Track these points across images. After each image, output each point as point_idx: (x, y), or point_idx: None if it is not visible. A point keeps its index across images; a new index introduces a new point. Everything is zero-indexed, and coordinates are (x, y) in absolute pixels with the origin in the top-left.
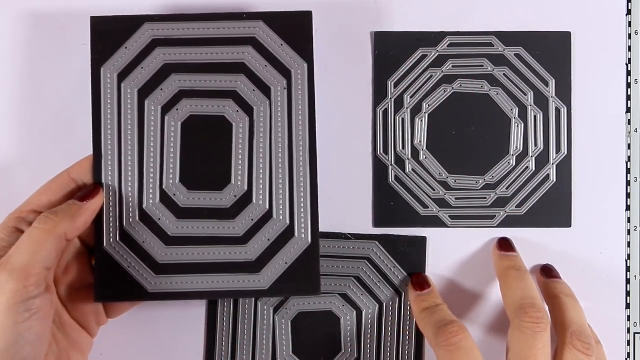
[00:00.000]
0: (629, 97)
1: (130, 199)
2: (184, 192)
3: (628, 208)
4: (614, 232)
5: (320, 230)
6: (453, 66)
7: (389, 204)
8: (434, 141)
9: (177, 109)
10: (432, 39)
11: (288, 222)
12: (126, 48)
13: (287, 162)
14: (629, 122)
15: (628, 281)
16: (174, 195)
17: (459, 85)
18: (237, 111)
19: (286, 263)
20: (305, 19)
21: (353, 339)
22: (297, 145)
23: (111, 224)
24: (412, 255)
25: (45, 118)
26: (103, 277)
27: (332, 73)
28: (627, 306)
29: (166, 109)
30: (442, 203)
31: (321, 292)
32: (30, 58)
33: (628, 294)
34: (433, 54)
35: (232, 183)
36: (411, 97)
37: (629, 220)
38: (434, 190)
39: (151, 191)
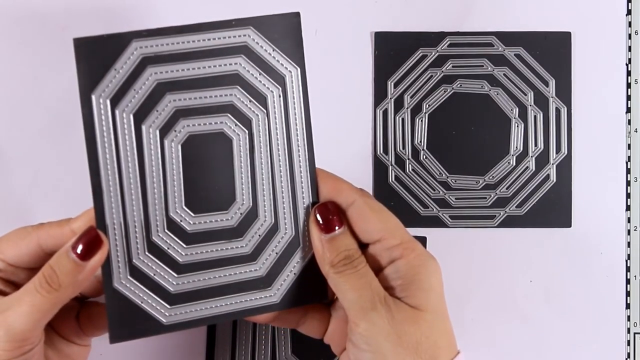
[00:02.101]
0: (629, 97)
1: (137, 232)
2: (191, 216)
3: (628, 208)
4: (614, 232)
5: None
6: (453, 66)
7: (389, 204)
8: (434, 141)
9: (175, 131)
10: (432, 39)
11: (293, 233)
12: (116, 70)
13: (288, 171)
14: (629, 122)
15: (628, 281)
16: (181, 221)
17: (459, 85)
18: (235, 125)
19: (294, 274)
20: (293, 20)
21: None
22: (297, 153)
23: (119, 261)
24: None
25: (46, 118)
26: (117, 316)
27: (332, 73)
28: (627, 306)
29: (164, 131)
30: (442, 203)
31: (327, 298)
32: (30, 58)
33: (628, 294)
34: (433, 54)
35: (236, 201)
36: (411, 97)
37: (629, 220)
38: (434, 190)
39: (157, 221)
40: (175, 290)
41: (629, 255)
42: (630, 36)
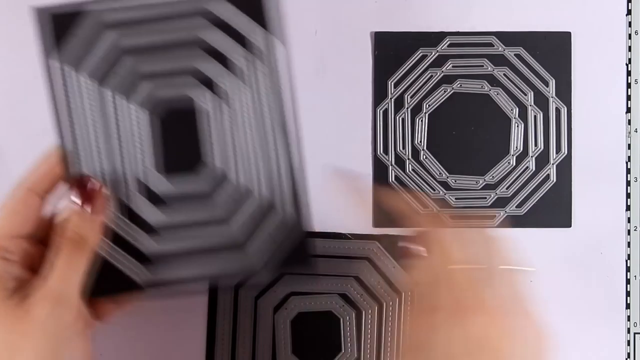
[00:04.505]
0: (629, 97)
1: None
2: (161, 180)
3: (628, 208)
4: (614, 232)
5: (321, 230)
6: (453, 66)
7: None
8: (434, 141)
9: (138, 94)
10: (432, 39)
11: (269, 196)
12: (75, 36)
13: (261, 136)
14: (629, 122)
15: (628, 281)
16: (151, 185)
17: (459, 85)
18: (200, 88)
19: (274, 240)
20: None
21: (353, 339)
22: (267, 115)
23: None
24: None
25: (46, 118)
26: (94, 275)
27: (332, 73)
28: (627, 306)
29: (127, 95)
30: (442, 203)
31: (312, 265)
32: (31, 57)
33: (628, 294)
34: (433, 54)
35: (206, 165)
36: (411, 97)
37: (629, 220)
38: (434, 190)
39: (127, 183)
40: (149, 252)
41: (629, 255)
42: (630, 36)
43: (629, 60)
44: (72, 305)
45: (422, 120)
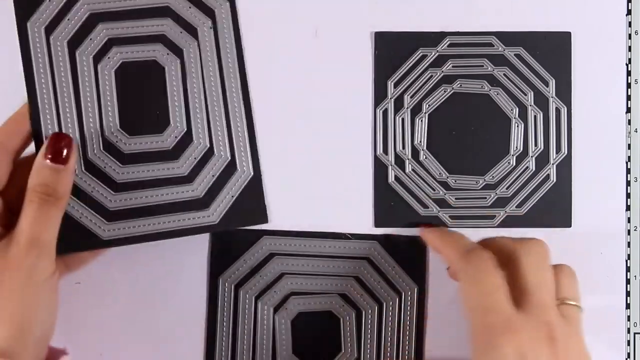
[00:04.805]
0: (629, 97)
1: None
2: (126, 138)
3: (628, 208)
4: (614, 232)
5: (320, 230)
6: (453, 66)
7: (389, 204)
8: (434, 141)
9: (109, 58)
10: (432, 39)
11: (229, 157)
12: (49, 0)
13: (222, 99)
14: (629, 122)
15: (628, 281)
16: (116, 142)
17: (459, 85)
18: (168, 54)
19: (232, 196)
20: None
21: (353, 339)
22: (229, 81)
23: None
24: (412, 255)
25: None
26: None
27: (332, 73)
28: (627, 306)
29: (97, 58)
30: (442, 203)
31: (268, 220)
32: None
33: (628, 294)
34: (433, 54)
35: (171, 125)
36: (411, 97)
37: (629, 220)
38: (434, 190)
39: (94, 140)
40: (112, 207)
41: (629, 255)
42: (630, 36)
43: (629, 60)
44: (47, 252)
45: (422, 120)
